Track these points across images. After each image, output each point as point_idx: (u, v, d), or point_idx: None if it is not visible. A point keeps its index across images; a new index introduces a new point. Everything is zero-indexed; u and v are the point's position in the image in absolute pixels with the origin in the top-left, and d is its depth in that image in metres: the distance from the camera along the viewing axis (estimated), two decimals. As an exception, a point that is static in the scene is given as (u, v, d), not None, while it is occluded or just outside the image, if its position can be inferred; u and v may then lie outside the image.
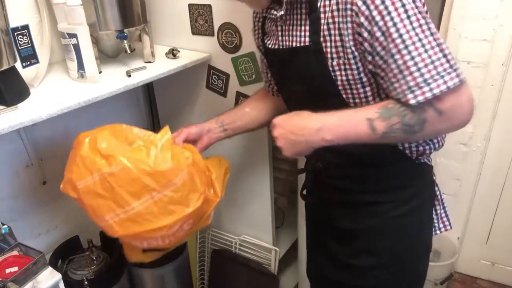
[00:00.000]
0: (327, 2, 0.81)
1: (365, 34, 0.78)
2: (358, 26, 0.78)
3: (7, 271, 0.98)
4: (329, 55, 0.85)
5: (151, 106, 1.68)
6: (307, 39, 0.87)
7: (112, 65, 1.28)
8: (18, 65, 1.00)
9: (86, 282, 1.22)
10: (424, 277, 1.13)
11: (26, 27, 1.00)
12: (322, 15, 0.83)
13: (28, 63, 1.03)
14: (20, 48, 0.99)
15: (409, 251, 1.04)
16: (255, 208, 1.55)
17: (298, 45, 0.89)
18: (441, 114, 0.77)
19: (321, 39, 0.84)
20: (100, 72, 1.18)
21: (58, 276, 1.02)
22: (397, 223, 1.00)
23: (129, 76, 1.16)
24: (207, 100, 1.46)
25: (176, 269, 1.49)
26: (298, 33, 0.89)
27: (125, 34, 1.18)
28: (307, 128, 0.85)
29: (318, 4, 0.82)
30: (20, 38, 0.99)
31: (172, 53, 1.30)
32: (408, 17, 0.74)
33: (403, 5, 0.74)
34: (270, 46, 0.98)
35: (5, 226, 1.07)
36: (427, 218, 1.06)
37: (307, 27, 0.87)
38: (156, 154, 0.91)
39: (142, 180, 0.89)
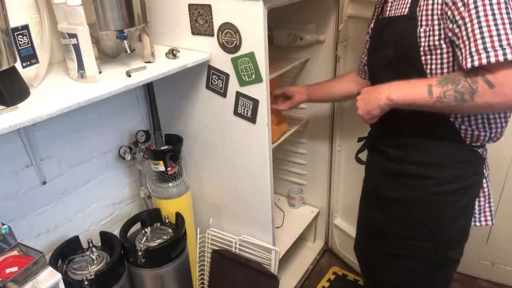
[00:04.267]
0: None
1: (450, 3, 0.90)
2: None
3: (7, 271, 0.98)
4: (419, 23, 0.98)
5: (151, 106, 1.68)
6: (406, 10, 1.02)
7: (112, 65, 1.28)
8: (18, 65, 1.00)
9: (86, 282, 1.22)
10: (454, 267, 1.17)
11: (26, 27, 1.00)
12: None
13: (28, 63, 1.03)
14: (20, 48, 0.99)
15: (443, 232, 1.09)
16: (255, 208, 1.55)
17: (398, 14, 1.06)
18: (492, 87, 0.82)
19: (417, 9, 0.98)
20: (100, 72, 1.18)
21: (58, 276, 1.02)
22: (437, 200, 1.07)
23: (129, 76, 1.16)
24: (207, 100, 1.46)
25: (176, 269, 1.49)
26: (401, 6, 1.05)
27: (125, 34, 1.18)
28: (380, 88, 1.03)
29: None
30: (20, 38, 0.99)
31: (172, 53, 1.30)
32: None
33: None
34: (379, 17, 1.19)
35: (5, 226, 1.07)
36: (468, 207, 1.11)
37: (409, 0, 1.02)
38: None
39: None
